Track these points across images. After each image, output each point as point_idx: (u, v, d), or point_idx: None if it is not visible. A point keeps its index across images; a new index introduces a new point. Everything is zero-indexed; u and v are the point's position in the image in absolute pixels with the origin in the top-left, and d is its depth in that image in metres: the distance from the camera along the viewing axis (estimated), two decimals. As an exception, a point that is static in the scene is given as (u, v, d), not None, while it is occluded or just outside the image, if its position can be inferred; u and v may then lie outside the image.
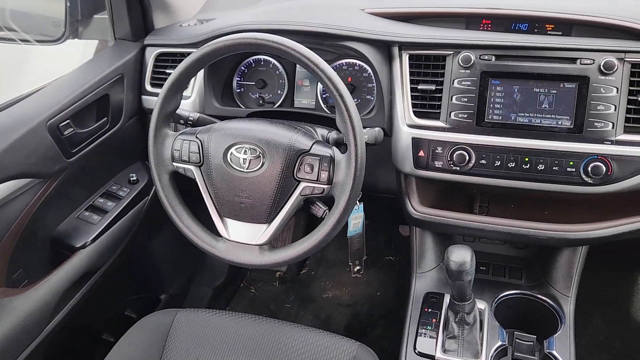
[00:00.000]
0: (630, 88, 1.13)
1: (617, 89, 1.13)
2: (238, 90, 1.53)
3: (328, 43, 1.34)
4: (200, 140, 1.14)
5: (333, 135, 1.20)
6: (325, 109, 1.46)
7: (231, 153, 1.11)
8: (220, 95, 1.49)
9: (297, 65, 1.49)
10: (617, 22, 1.16)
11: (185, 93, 1.44)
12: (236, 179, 1.11)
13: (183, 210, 1.19)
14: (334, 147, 1.10)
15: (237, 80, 1.53)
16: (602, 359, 1.89)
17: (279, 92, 1.50)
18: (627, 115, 1.13)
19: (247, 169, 1.10)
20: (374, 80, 1.37)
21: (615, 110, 1.13)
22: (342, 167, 1.06)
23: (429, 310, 1.36)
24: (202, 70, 1.41)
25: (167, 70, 1.52)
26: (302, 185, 1.09)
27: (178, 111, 1.23)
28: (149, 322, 1.29)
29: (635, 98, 1.13)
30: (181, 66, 1.11)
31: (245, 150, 1.10)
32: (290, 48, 1.03)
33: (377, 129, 1.20)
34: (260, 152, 1.09)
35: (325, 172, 1.07)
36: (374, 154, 1.27)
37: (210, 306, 2.15)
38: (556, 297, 1.41)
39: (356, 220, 1.31)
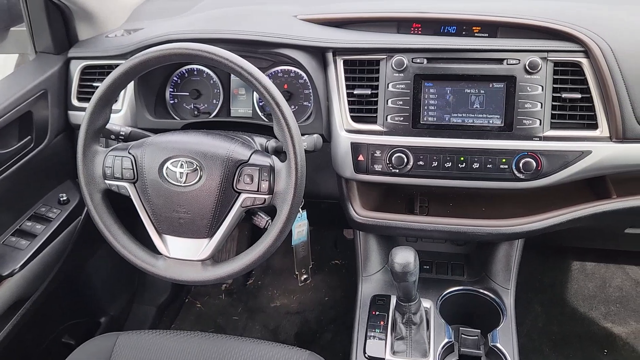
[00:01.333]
0: (554, 86, 1.19)
1: (542, 87, 1.18)
2: (171, 102, 1.49)
3: (262, 51, 1.32)
4: (133, 156, 1.10)
5: (272, 143, 1.19)
6: (262, 117, 1.44)
7: (167, 167, 1.07)
8: (152, 107, 1.44)
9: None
10: (539, 23, 1.21)
11: (115, 106, 1.38)
12: (173, 194, 1.07)
13: (119, 229, 1.13)
14: (273, 156, 1.09)
15: (170, 91, 1.48)
16: (542, 345, 1.97)
17: (214, 101, 1.47)
18: (553, 112, 1.19)
19: (184, 183, 1.06)
20: (310, 87, 1.37)
21: (541, 107, 1.18)
22: (283, 176, 1.04)
23: (377, 313, 1.37)
24: (132, 82, 1.36)
25: (95, 84, 1.46)
26: (243, 196, 1.06)
27: (108, 126, 1.18)
28: (88, 349, 1.22)
29: (559, 95, 1.18)
30: (109, 79, 1.06)
31: (182, 164, 1.06)
32: (222, 57, 1.01)
33: (315, 135, 1.19)
34: (197, 165, 1.06)
35: (266, 182, 1.05)
36: (314, 160, 1.27)
37: (153, 326, 2.08)
38: (497, 290, 1.45)
39: (300, 229, 1.31)
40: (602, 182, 1.30)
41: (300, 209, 1.21)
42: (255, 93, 1.44)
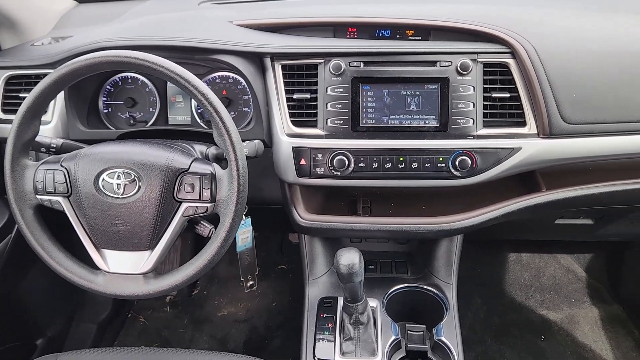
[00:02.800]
0: (485, 86, 1.24)
1: (474, 87, 1.23)
2: (105, 111, 1.44)
3: (198, 57, 1.30)
4: (66, 169, 1.05)
5: (212, 150, 1.17)
6: (201, 124, 1.42)
7: (103, 179, 1.03)
8: (85, 117, 1.39)
9: (168, 81, 1.43)
10: (468, 26, 1.26)
11: (44, 118, 1.32)
12: (111, 206, 1.04)
13: (53, 245, 1.08)
14: (214, 163, 1.08)
15: (104, 100, 1.43)
16: (484, 336, 2.04)
17: (150, 110, 1.43)
18: (485, 111, 1.24)
19: (122, 194, 1.03)
20: (249, 92, 1.36)
21: (473, 107, 1.23)
22: (225, 183, 1.03)
23: (325, 315, 1.38)
24: (63, 92, 1.31)
25: (21, 95, 1.39)
26: (184, 205, 1.04)
27: (37, 138, 1.12)
28: (23, 374, 1.16)
29: (490, 95, 1.23)
30: (37, 89, 1.02)
31: (119, 175, 1.03)
32: (157, 65, 0.99)
33: (256, 141, 1.19)
34: (135, 176, 1.03)
35: (208, 190, 1.04)
36: (256, 166, 1.26)
37: (95, 344, 1.99)
38: (440, 285, 1.50)
39: (244, 235, 1.29)
40: (532, 176, 1.37)
41: (244, 216, 1.20)
42: (193, 100, 1.42)
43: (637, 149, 1.26)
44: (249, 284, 1.43)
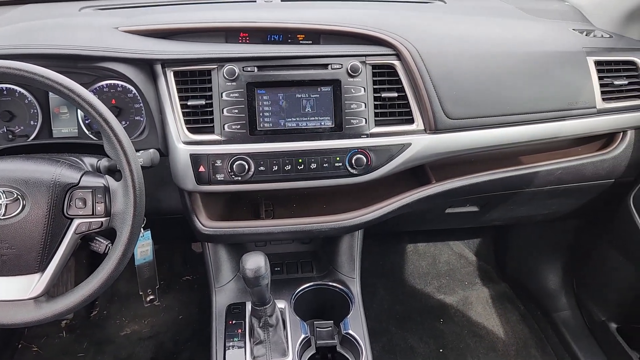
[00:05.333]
0: (374, 87, 1.30)
1: (364, 88, 1.28)
2: (-22, 126, 1.32)
3: (82, 65, 1.24)
4: None
5: (104, 163, 1.12)
6: (90, 135, 1.34)
7: (-20, 200, 0.95)
8: (-46, 133, 1.26)
9: (50, 91, 1.34)
10: (356, 30, 1.31)
11: None
12: (-9, 229, 0.95)
13: None
14: (106, 175, 1.03)
15: (-25, 114, 1.31)
16: (389, 325, 2.14)
17: (31, 123, 1.33)
18: (376, 111, 1.30)
19: (3, 215, 0.96)
20: (141, 100, 1.32)
21: (365, 107, 1.29)
22: (120, 196, 0.99)
23: (234, 322, 1.37)
24: None
25: None
26: (76, 222, 0.99)
27: None
28: None
29: (380, 95, 1.30)
30: None
31: (-1, 195, 0.95)
32: (36, 74, 0.93)
33: (151, 150, 1.15)
34: (18, 194, 0.96)
35: (101, 204, 0.99)
36: (153, 176, 1.23)
37: (-19, 381, 1.82)
38: (344, 281, 1.54)
39: (144, 249, 1.25)
40: (423, 170, 1.46)
41: (142, 229, 1.16)
42: (79, 110, 1.34)
43: (511, 140, 1.40)
44: (148, 298, 1.38)
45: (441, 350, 2.04)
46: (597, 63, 1.43)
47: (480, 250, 2.49)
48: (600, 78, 1.42)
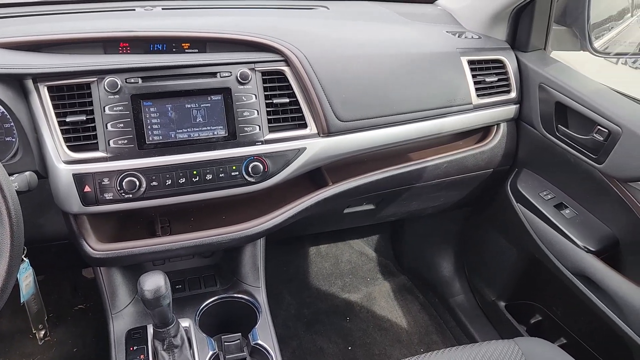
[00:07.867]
0: (265, 93, 1.30)
1: (255, 95, 1.28)
2: None
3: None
4: None
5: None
6: (-48, 161, 1.20)
7: None
8: None
9: None
10: (242, 37, 1.30)
11: None
12: None
13: None
14: None
15: None
16: (297, 329, 2.14)
17: None
18: (269, 117, 1.30)
19: None
20: (11, 120, 1.20)
21: (258, 114, 1.28)
22: (-7, 225, 0.89)
23: (135, 347, 1.30)
24: None
25: None
26: (-58, 259, 0.88)
27: None
28: None
29: (271, 101, 1.30)
30: None
31: None
32: None
33: (27, 173, 1.06)
34: None
35: (-28, 237, 0.89)
36: (31, 200, 1.12)
37: None
38: (249, 291, 1.52)
39: (27, 281, 1.14)
40: (319, 173, 1.48)
41: (22, 259, 1.06)
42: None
43: (399, 138, 1.47)
44: (41, 334, 1.26)
45: (349, 348, 2.08)
46: (470, 62, 1.54)
47: (379, 246, 2.58)
48: (473, 76, 1.54)
